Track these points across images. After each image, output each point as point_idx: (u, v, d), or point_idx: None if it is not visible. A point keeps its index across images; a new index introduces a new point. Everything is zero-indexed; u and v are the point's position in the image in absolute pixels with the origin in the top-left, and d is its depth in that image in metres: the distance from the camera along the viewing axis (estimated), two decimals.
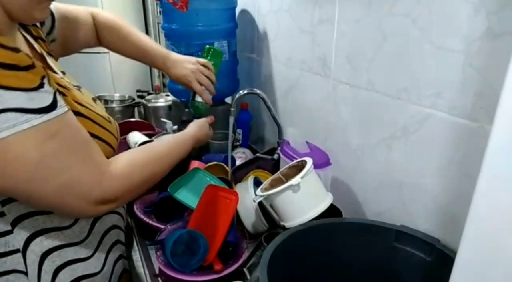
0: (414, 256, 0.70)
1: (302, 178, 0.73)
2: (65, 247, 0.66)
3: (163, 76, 2.59)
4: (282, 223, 0.78)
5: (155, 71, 2.77)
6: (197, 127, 0.93)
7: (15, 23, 0.64)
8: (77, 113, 0.63)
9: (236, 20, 1.34)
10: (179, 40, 1.25)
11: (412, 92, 0.74)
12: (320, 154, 0.95)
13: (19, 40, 0.67)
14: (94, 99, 0.77)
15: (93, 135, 0.65)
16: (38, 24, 0.77)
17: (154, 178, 0.73)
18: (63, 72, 0.75)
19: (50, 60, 0.73)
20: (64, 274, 0.67)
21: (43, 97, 0.54)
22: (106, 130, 0.70)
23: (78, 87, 0.75)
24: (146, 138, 1.16)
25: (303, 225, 0.73)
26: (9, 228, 0.61)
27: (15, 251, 0.62)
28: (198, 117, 1.01)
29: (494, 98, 0.35)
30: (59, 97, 0.57)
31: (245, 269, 0.78)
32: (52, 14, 0.82)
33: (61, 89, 0.63)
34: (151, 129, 1.43)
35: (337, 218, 0.81)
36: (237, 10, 1.36)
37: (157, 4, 2.44)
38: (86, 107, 0.68)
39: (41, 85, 0.54)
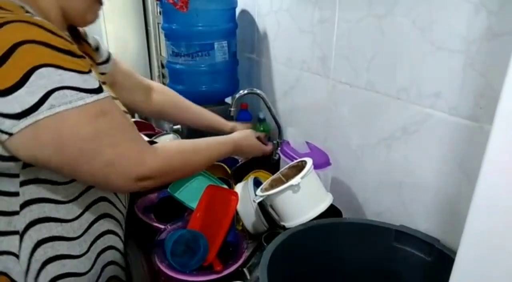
0: (414, 256, 0.70)
1: (302, 178, 0.73)
2: (60, 240, 0.68)
3: (163, 76, 2.59)
4: (282, 223, 0.78)
5: (155, 72, 2.77)
6: (241, 135, 0.96)
7: (66, 25, 0.72)
8: None
9: (236, 20, 1.34)
10: (179, 40, 1.25)
11: (412, 92, 0.74)
12: (320, 154, 0.95)
13: None
14: (125, 112, 0.81)
15: None
16: (93, 47, 0.87)
17: (191, 168, 0.79)
18: (104, 83, 0.81)
19: (93, 70, 0.77)
20: (52, 267, 0.68)
21: (93, 81, 0.60)
22: None
23: (115, 98, 0.80)
24: (146, 139, 1.16)
25: (303, 225, 0.73)
26: (18, 209, 0.63)
27: (15, 233, 0.64)
28: None
29: (494, 98, 0.35)
30: (103, 86, 0.62)
31: (245, 269, 0.78)
32: (109, 52, 0.94)
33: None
34: (151, 130, 1.43)
35: (337, 218, 0.81)
36: (237, 11, 1.36)
37: (157, 4, 2.44)
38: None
39: (90, 71, 0.60)
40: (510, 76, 0.35)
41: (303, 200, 0.75)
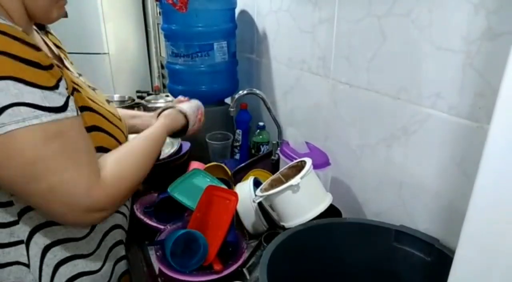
0: (414, 256, 0.70)
1: (301, 178, 0.73)
2: (67, 242, 0.68)
3: (163, 77, 2.60)
4: (282, 223, 0.78)
5: (155, 72, 2.77)
6: (167, 118, 0.88)
7: (32, 23, 0.67)
8: (88, 108, 0.66)
9: (235, 21, 1.34)
10: (178, 41, 1.25)
11: (412, 92, 0.74)
12: (320, 154, 0.95)
13: (38, 40, 0.70)
14: (108, 101, 0.79)
15: (101, 129, 0.67)
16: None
17: (140, 179, 0.71)
18: (79, 74, 0.78)
19: (67, 62, 0.76)
20: (65, 269, 0.68)
21: (56, 98, 0.55)
22: (115, 126, 0.72)
23: (93, 89, 0.77)
24: None
25: (303, 225, 0.73)
26: (16, 218, 0.62)
27: (19, 242, 0.63)
28: None
29: (494, 98, 0.35)
30: (71, 102, 0.58)
31: (244, 269, 0.78)
32: None
33: (75, 86, 0.65)
34: None
35: (336, 218, 0.81)
36: (237, 11, 1.36)
37: (156, 5, 2.44)
38: (98, 104, 0.70)
39: (56, 87, 0.56)
40: (508, 76, 0.35)
41: (302, 200, 0.75)
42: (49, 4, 0.65)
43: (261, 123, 1.29)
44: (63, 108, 0.56)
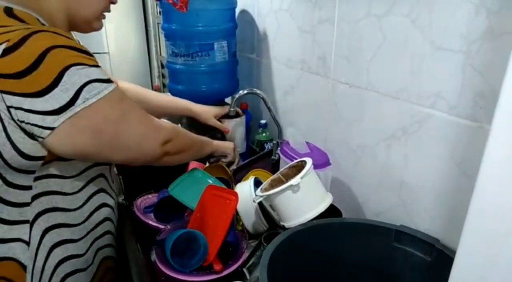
0: (414, 256, 0.70)
1: (302, 178, 0.73)
2: (64, 227, 0.74)
3: (163, 76, 2.59)
4: (282, 223, 0.78)
5: (155, 72, 2.77)
6: (221, 144, 1.05)
7: (69, 31, 0.78)
8: None
9: (236, 20, 1.34)
10: (179, 41, 1.25)
11: (412, 92, 0.74)
12: (320, 154, 0.95)
13: None
14: None
15: None
16: None
17: (190, 148, 0.87)
18: None
19: None
20: (58, 251, 0.74)
21: (106, 73, 0.67)
22: None
23: None
24: None
25: (303, 225, 0.73)
26: (29, 201, 0.69)
27: (25, 222, 0.69)
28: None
29: (494, 98, 0.35)
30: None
31: (244, 269, 0.78)
32: None
33: None
34: None
35: (337, 218, 0.81)
36: (237, 11, 1.36)
37: (157, 4, 2.44)
38: None
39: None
40: (509, 76, 0.35)
41: (303, 200, 0.75)
42: (92, 17, 0.77)
43: (263, 121, 1.30)
44: (110, 80, 0.67)
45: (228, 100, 1.48)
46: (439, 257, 0.67)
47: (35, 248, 0.71)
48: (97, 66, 0.65)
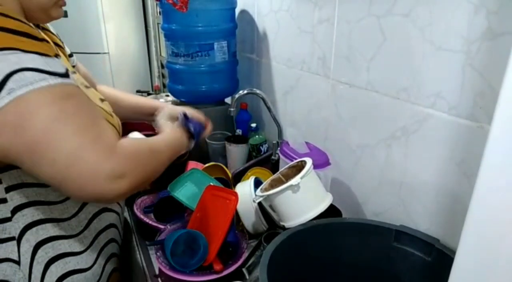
0: (414, 256, 0.70)
1: (301, 178, 0.73)
2: (59, 239, 0.67)
3: (163, 76, 2.59)
4: (282, 223, 0.78)
5: (155, 72, 2.77)
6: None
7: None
8: None
9: (235, 21, 1.34)
10: (178, 41, 1.25)
11: (412, 92, 0.74)
12: (320, 154, 0.95)
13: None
14: (101, 100, 0.78)
15: None
16: (60, 43, 0.82)
17: (159, 164, 0.69)
18: (74, 72, 0.77)
19: (62, 59, 0.74)
20: (56, 267, 0.67)
21: (58, 65, 0.55)
22: (108, 122, 0.70)
23: (87, 87, 0.76)
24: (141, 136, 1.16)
25: (303, 225, 0.73)
26: (9, 215, 0.61)
27: (11, 239, 0.62)
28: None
29: (494, 98, 0.35)
30: (72, 75, 0.58)
31: (244, 269, 0.78)
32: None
33: None
34: (151, 130, 1.42)
35: (336, 218, 0.81)
36: (237, 11, 1.36)
37: (157, 4, 2.44)
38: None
39: (56, 56, 0.56)
40: (509, 76, 0.35)
41: (302, 200, 0.75)
42: (48, 3, 0.65)
43: (253, 125, 1.28)
44: (66, 75, 0.56)
45: (228, 100, 1.48)
46: (439, 257, 0.67)
47: (27, 267, 0.64)
48: (42, 53, 0.53)
